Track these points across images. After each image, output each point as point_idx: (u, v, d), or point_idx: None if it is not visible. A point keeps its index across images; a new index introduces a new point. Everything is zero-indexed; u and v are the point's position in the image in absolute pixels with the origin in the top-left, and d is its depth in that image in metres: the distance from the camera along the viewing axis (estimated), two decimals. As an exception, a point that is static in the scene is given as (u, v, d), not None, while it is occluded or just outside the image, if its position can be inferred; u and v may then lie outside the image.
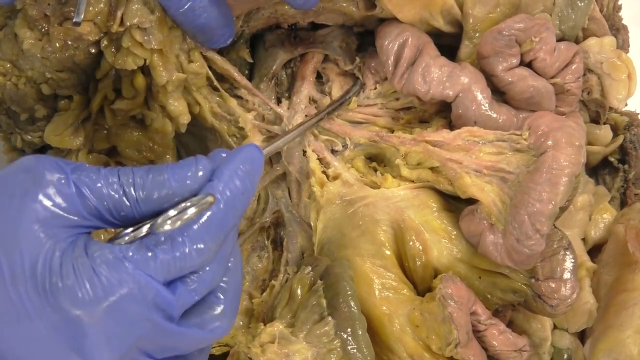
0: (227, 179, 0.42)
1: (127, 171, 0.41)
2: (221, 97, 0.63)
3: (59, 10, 0.53)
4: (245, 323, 0.63)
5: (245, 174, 0.43)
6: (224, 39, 0.57)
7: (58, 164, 0.40)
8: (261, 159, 0.45)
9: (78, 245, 0.39)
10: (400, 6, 0.60)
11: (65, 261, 0.38)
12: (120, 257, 0.39)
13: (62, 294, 0.37)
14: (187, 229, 0.40)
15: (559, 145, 0.53)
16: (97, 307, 0.38)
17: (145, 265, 0.39)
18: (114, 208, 0.41)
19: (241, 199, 0.43)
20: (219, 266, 0.43)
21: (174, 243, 0.40)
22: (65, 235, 0.39)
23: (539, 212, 0.52)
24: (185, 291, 0.41)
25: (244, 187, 0.43)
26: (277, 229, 0.66)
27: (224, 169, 0.43)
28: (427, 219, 0.59)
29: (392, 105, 0.64)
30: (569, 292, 0.56)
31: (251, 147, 0.45)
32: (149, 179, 0.41)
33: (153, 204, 0.41)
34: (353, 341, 0.53)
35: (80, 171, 0.40)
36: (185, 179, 0.42)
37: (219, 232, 0.41)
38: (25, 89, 0.57)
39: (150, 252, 0.39)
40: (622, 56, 0.64)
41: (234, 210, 0.42)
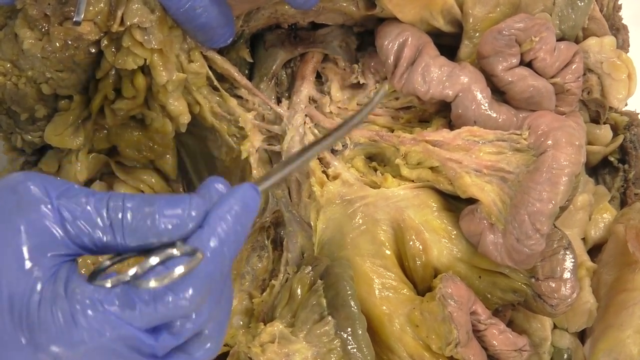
0: (217, 227, 0.40)
1: (118, 201, 0.40)
2: (221, 97, 0.63)
3: (59, 10, 0.53)
4: (245, 323, 0.63)
5: (236, 219, 0.41)
6: (224, 39, 0.57)
7: (45, 187, 0.39)
8: (257, 201, 0.43)
9: (59, 279, 0.38)
10: (400, 6, 0.60)
11: (44, 299, 0.37)
12: (99, 304, 0.37)
13: (38, 330, 0.37)
14: (173, 286, 0.39)
15: (559, 144, 0.53)
16: (74, 351, 0.37)
17: (125, 313, 0.38)
18: (98, 239, 0.39)
19: (231, 247, 0.41)
20: (209, 309, 0.41)
21: (157, 296, 0.38)
22: (48, 264, 0.38)
23: (539, 211, 0.52)
24: (169, 336, 0.40)
25: (235, 234, 0.41)
26: (277, 229, 0.66)
27: (216, 216, 0.41)
28: (427, 219, 0.59)
29: (392, 104, 0.64)
30: (569, 292, 0.56)
31: (247, 188, 0.43)
32: (138, 215, 0.40)
33: (139, 239, 0.40)
34: (353, 341, 0.53)
35: (67, 197, 0.39)
36: (176, 218, 0.40)
37: (206, 284, 0.40)
38: (25, 89, 0.57)
39: (132, 302, 0.38)
40: (622, 56, 0.64)
41: (223, 259, 0.41)
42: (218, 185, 0.43)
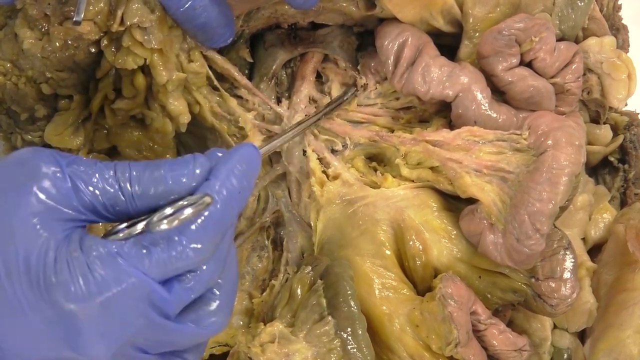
0: (224, 178, 0.42)
1: (124, 166, 0.41)
2: (221, 97, 0.63)
3: (59, 10, 0.53)
4: (245, 323, 0.63)
5: (242, 173, 0.43)
6: (225, 39, 0.58)
7: (54, 156, 0.40)
8: (258, 158, 0.45)
9: (73, 240, 0.39)
10: (400, 6, 0.60)
11: (59, 256, 0.38)
12: (114, 254, 0.38)
13: (55, 289, 0.37)
14: (184, 229, 0.40)
15: (559, 144, 0.53)
16: (90, 303, 0.38)
17: (141, 262, 0.39)
18: (109, 202, 0.40)
19: (238, 198, 0.42)
20: (216, 265, 0.42)
21: (170, 242, 0.39)
22: (60, 229, 0.39)
23: (539, 211, 0.52)
24: (182, 290, 0.41)
25: (241, 186, 0.43)
26: (277, 229, 0.66)
27: (221, 167, 0.42)
28: (427, 219, 0.59)
29: (392, 104, 0.64)
30: (569, 292, 0.56)
31: (248, 146, 0.45)
32: (145, 174, 0.41)
33: (149, 200, 0.41)
34: (353, 341, 0.53)
35: (76, 165, 0.40)
36: (182, 177, 0.41)
37: (216, 231, 0.41)
38: (25, 89, 0.57)
39: (145, 249, 0.39)
40: (622, 56, 0.64)
41: (231, 210, 0.42)
42: (218, 152, 0.44)
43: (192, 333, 0.42)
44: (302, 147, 0.63)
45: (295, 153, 0.63)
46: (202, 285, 0.42)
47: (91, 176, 0.40)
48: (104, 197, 0.40)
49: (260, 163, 0.46)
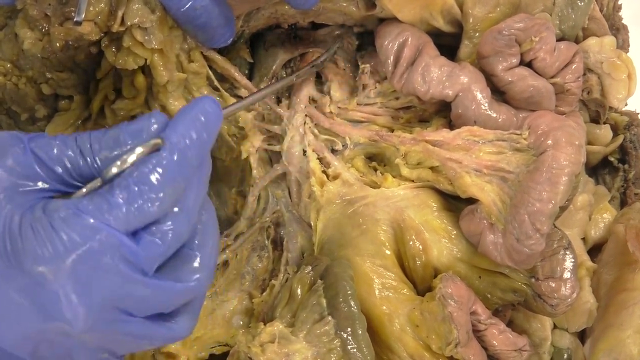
0: (180, 128, 0.42)
1: (84, 134, 0.42)
2: (221, 97, 0.63)
3: (60, 10, 0.53)
4: (245, 323, 0.63)
5: (200, 124, 0.42)
6: (225, 39, 0.58)
7: (17, 134, 0.41)
8: (217, 111, 0.44)
9: (37, 207, 0.39)
10: (400, 6, 0.60)
11: (24, 222, 0.38)
12: (76, 211, 0.38)
13: (23, 255, 0.37)
14: (141, 176, 0.40)
15: (558, 144, 0.53)
16: (60, 263, 0.37)
17: (102, 215, 0.38)
18: (74, 170, 0.41)
19: (195, 146, 0.42)
20: (185, 216, 0.42)
21: (129, 191, 0.39)
22: (25, 200, 0.39)
23: (539, 211, 0.52)
24: (150, 241, 0.40)
25: (199, 136, 0.42)
26: (277, 229, 0.66)
27: (177, 119, 0.42)
28: (427, 219, 0.59)
29: (391, 104, 0.64)
30: (569, 292, 0.56)
31: (206, 99, 0.44)
32: (104, 138, 0.41)
33: (111, 162, 0.41)
34: (353, 341, 0.53)
35: (37, 139, 0.41)
36: (139, 134, 0.41)
37: (174, 178, 0.40)
38: (25, 89, 0.58)
39: (105, 202, 0.39)
40: (622, 56, 0.64)
41: (189, 159, 0.41)
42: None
43: (175, 290, 0.41)
44: (302, 147, 0.63)
45: (295, 153, 0.63)
46: (173, 236, 0.41)
47: (53, 147, 0.41)
48: (67, 165, 0.41)
49: (222, 117, 0.45)
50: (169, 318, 0.43)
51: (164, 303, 0.42)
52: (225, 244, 0.65)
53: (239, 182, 0.67)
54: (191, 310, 0.44)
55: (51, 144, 0.41)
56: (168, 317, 0.43)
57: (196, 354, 0.62)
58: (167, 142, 0.41)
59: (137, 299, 0.40)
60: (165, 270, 0.42)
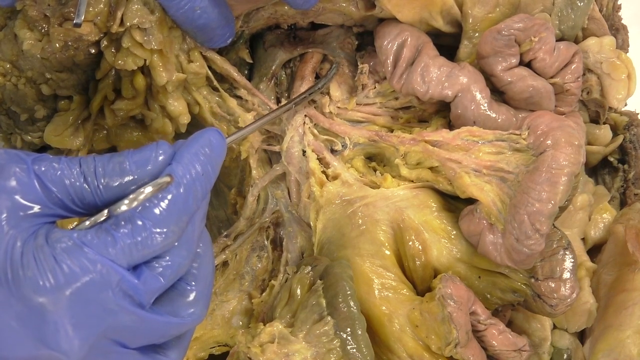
0: (186, 162, 0.42)
1: (89, 159, 0.41)
2: (221, 97, 0.63)
3: (59, 11, 0.53)
4: (244, 323, 0.63)
5: (206, 157, 0.43)
6: (224, 39, 0.58)
7: (19, 155, 0.40)
8: (222, 143, 0.45)
9: (39, 234, 0.39)
10: (399, 6, 0.60)
11: (26, 250, 0.38)
12: (80, 243, 0.38)
13: (24, 283, 0.37)
14: (147, 212, 0.40)
15: (558, 144, 0.53)
16: (60, 295, 0.37)
17: (106, 249, 0.38)
18: (76, 196, 0.40)
19: (201, 181, 0.42)
20: (185, 251, 0.42)
21: (134, 226, 0.39)
22: (28, 225, 0.39)
23: (539, 211, 0.52)
24: (151, 276, 0.40)
25: (204, 169, 0.42)
26: (276, 229, 0.66)
27: (184, 152, 0.42)
28: (426, 219, 0.59)
29: (391, 104, 0.64)
30: (568, 292, 0.56)
31: (212, 131, 0.45)
32: (109, 165, 0.41)
33: (114, 190, 0.41)
34: (352, 341, 0.53)
35: (41, 161, 0.40)
36: (145, 164, 0.41)
37: (180, 214, 0.41)
38: (25, 90, 0.58)
39: (109, 236, 0.39)
40: (621, 56, 0.64)
41: (195, 193, 0.42)
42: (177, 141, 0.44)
43: (169, 324, 0.42)
44: (301, 147, 0.63)
45: (294, 153, 0.63)
46: (172, 271, 0.42)
47: (57, 171, 0.40)
48: (70, 190, 0.40)
49: (226, 149, 0.45)
50: (160, 349, 0.43)
51: (158, 336, 0.42)
52: (224, 244, 0.65)
53: (238, 182, 0.67)
54: (182, 342, 0.45)
55: (55, 168, 0.40)
56: (159, 349, 0.43)
57: (196, 354, 0.62)
58: (175, 179, 0.41)
59: (133, 332, 0.40)
60: (161, 302, 0.42)
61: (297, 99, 0.62)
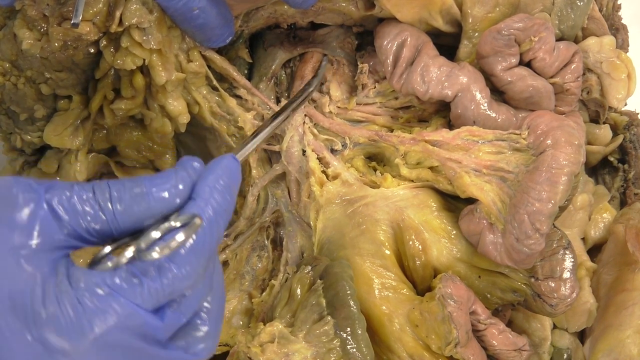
0: (208, 197, 0.41)
1: (103, 186, 0.40)
2: (220, 97, 0.63)
3: (58, 11, 0.53)
4: (245, 323, 0.63)
5: (226, 189, 0.42)
6: (223, 39, 0.58)
7: (30, 185, 0.39)
8: (239, 169, 0.44)
9: (60, 273, 0.38)
10: (399, 6, 0.60)
11: (47, 291, 0.37)
12: (105, 287, 0.37)
13: (45, 325, 0.36)
14: (174, 256, 0.39)
15: (558, 144, 0.53)
16: (83, 339, 0.36)
17: (133, 294, 0.38)
18: (91, 226, 0.39)
19: (223, 216, 0.42)
20: (204, 286, 0.42)
21: (162, 270, 0.39)
22: (45, 260, 0.38)
23: (539, 211, 0.52)
24: (173, 315, 0.40)
25: (226, 203, 0.42)
26: (276, 229, 0.66)
27: (204, 185, 0.41)
28: (426, 219, 0.59)
29: (391, 104, 0.64)
30: (568, 292, 0.56)
31: (228, 158, 0.44)
32: (126, 193, 0.40)
33: (131, 219, 0.40)
34: (352, 340, 0.53)
35: (53, 190, 0.39)
36: (164, 193, 0.40)
37: (205, 253, 0.40)
38: (24, 89, 0.57)
39: (137, 280, 0.38)
40: (621, 56, 0.64)
41: (218, 228, 0.41)
42: (194, 163, 0.43)
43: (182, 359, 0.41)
44: (301, 147, 0.63)
45: (294, 153, 0.63)
46: (193, 308, 0.41)
47: (69, 199, 0.39)
48: (85, 220, 0.39)
49: (241, 174, 0.45)
50: None
51: None
52: (224, 244, 0.65)
53: (238, 182, 0.67)
54: None
55: (67, 196, 0.39)
56: None
57: (195, 354, 0.62)
58: (204, 221, 0.40)
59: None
60: (175, 335, 0.42)
61: (295, 104, 0.61)
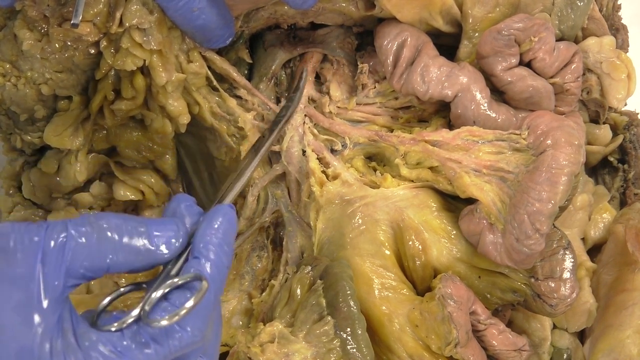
0: (211, 255, 0.42)
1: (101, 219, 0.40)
2: (220, 97, 0.63)
3: (58, 12, 0.53)
4: (244, 323, 0.63)
5: (225, 242, 0.43)
6: (223, 40, 0.58)
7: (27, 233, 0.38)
8: (235, 218, 0.45)
9: (66, 329, 0.38)
10: (399, 6, 0.60)
11: (55, 350, 0.37)
12: (116, 353, 0.38)
13: None
14: (182, 320, 0.40)
15: (558, 144, 0.53)
16: None
17: (143, 357, 0.38)
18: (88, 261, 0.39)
19: (224, 272, 0.43)
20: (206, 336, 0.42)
21: (170, 333, 0.39)
22: (49, 310, 0.37)
23: (539, 211, 0.52)
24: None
25: (227, 258, 0.43)
26: (276, 229, 0.66)
27: (206, 242, 0.42)
28: (426, 219, 0.59)
29: (391, 104, 0.64)
30: (568, 292, 0.56)
31: (225, 209, 0.44)
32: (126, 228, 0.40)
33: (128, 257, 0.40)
34: (352, 341, 0.53)
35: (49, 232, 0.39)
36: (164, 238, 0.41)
37: (210, 311, 0.41)
38: (24, 90, 0.57)
39: (146, 346, 0.38)
40: (621, 56, 0.64)
41: (221, 285, 0.42)
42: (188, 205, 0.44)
43: None
44: (301, 147, 0.63)
45: (294, 153, 0.63)
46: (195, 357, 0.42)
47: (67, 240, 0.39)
48: (82, 258, 0.39)
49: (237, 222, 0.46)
50: None
51: None
52: (224, 244, 0.65)
53: (238, 182, 0.67)
54: None
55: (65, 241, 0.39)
56: None
57: (196, 354, 0.62)
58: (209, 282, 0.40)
59: None
60: None
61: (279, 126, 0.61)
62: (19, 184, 0.64)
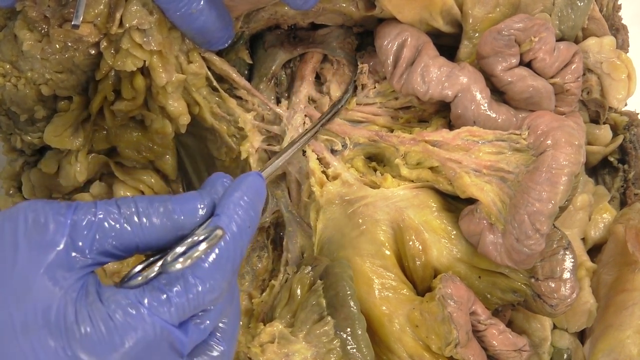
0: (232, 213, 0.42)
1: (128, 200, 0.41)
2: (221, 98, 0.63)
3: (59, 12, 0.53)
4: (245, 323, 0.63)
5: (250, 206, 0.43)
6: (223, 41, 0.58)
7: (55, 206, 0.40)
8: (264, 187, 0.45)
9: (90, 291, 0.39)
10: (399, 6, 0.60)
11: (80, 309, 0.38)
12: (135, 303, 0.39)
13: (79, 342, 0.38)
14: (199, 268, 0.40)
15: (558, 144, 0.53)
16: (114, 354, 0.38)
17: (161, 310, 0.39)
18: (116, 239, 0.41)
19: (247, 232, 0.43)
20: (225, 302, 0.43)
21: (187, 284, 0.40)
22: (75, 278, 0.39)
23: (539, 211, 0.52)
24: (197, 330, 0.41)
25: (250, 220, 0.43)
26: (276, 229, 0.66)
27: (229, 201, 0.43)
28: (426, 219, 0.59)
29: (391, 104, 0.64)
30: (568, 292, 0.56)
31: (254, 175, 0.45)
32: (151, 205, 0.41)
33: (157, 234, 0.41)
34: (352, 341, 0.53)
35: (78, 210, 0.40)
36: (190, 210, 0.42)
37: (229, 268, 0.41)
38: (24, 90, 0.58)
39: (164, 295, 0.39)
40: (621, 56, 0.64)
41: (242, 244, 0.42)
42: (224, 179, 0.45)
43: None
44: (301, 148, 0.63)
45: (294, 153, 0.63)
46: (214, 323, 0.43)
47: (95, 217, 0.40)
48: (110, 234, 0.40)
49: (266, 191, 0.46)
50: None
51: None
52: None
53: (238, 182, 0.67)
54: None
55: (92, 214, 0.40)
56: None
57: (196, 354, 0.62)
58: (227, 234, 0.41)
59: None
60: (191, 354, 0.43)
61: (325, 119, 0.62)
62: (19, 184, 0.65)
